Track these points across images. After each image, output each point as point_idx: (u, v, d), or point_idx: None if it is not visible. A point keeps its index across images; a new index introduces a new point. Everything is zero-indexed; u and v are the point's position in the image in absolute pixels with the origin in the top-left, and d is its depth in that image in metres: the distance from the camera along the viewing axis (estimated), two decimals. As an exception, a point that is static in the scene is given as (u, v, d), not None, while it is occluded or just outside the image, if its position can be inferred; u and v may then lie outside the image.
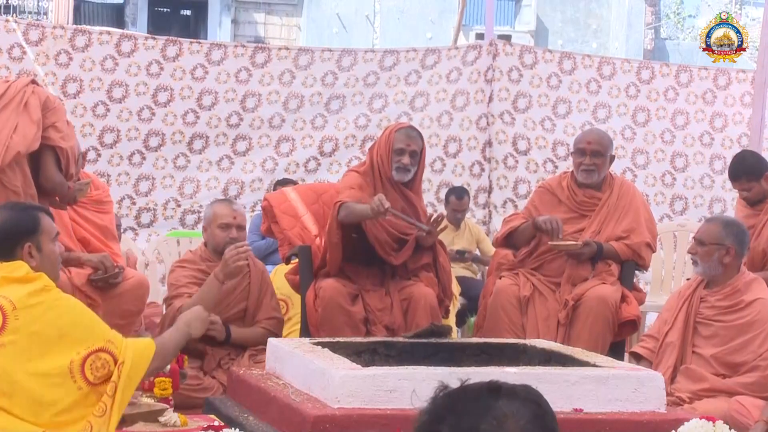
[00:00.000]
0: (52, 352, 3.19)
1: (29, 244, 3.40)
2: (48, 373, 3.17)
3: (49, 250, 3.47)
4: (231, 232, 5.30)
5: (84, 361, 3.21)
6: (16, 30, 7.94)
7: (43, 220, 3.48)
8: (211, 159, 8.40)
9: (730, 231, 4.86)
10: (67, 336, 3.23)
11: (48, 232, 3.47)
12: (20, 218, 3.45)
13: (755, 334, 4.72)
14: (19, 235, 3.41)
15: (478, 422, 1.66)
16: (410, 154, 5.33)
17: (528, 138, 8.86)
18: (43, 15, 18.65)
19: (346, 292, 5.21)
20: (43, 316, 3.23)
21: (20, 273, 3.31)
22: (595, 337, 5.28)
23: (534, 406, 1.70)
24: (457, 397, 1.71)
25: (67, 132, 5.17)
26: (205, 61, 8.39)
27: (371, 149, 5.56)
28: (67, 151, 5.12)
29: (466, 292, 7.32)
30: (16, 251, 3.38)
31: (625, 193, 5.70)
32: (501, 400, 1.69)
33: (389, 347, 4.68)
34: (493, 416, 1.66)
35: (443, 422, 1.68)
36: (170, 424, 3.88)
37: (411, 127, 5.59)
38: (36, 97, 5.11)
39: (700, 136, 9.19)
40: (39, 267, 3.39)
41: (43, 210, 3.57)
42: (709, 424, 3.66)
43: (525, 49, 9.20)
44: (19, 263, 3.35)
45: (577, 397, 3.94)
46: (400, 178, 5.36)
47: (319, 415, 3.69)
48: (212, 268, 5.23)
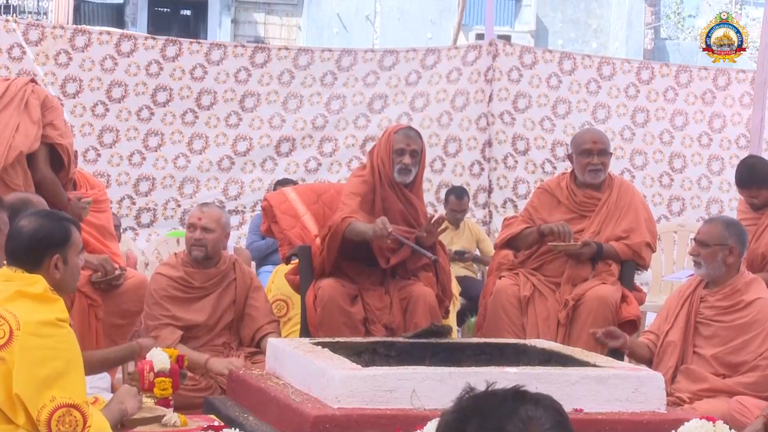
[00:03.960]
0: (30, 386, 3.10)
1: (57, 256, 3.32)
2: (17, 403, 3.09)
3: (74, 263, 3.39)
4: (195, 233, 5.25)
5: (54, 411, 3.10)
6: (15, 30, 7.95)
7: (74, 233, 3.40)
8: (211, 159, 8.40)
9: (733, 231, 4.85)
10: (53, 379, 3.13)
11: (76, 246, 3.40)
12: (54, 228, 3.36)
13: (755, 334, 4.71)
14: (50, 246, 3.32)
15: (504, 424, 1.72)
16: (411, 154, 5.33)
17: (527, 138, 8.86)
18: (43, 15, 18.66)
19: (345, 292, 5.21)
20: (43, 351, 3.13)
21: (37, 290, 3.23)
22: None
23: (556, 413, 1.76)
24: (483, 399, 1.77)
25: (65, 130, 5.20)
26: (205, 61, 8.39)
27: (371, 153, 5.55)
28: (67, 147, 5.15)
29: (466, 292, 7.32)
30: (43, 261, 3.30)
31: (624, 193, 5.70)
32: (526, 404, 1.75)
33: (389, 347, 4.68)
34: (519, 419, 1.72)
35: (469, 422, 1.74)
36: (170, 424, 3.87)
37: (409, 127, 5.59)
38: (35, 97, 5.14)
39: (698, 136, 9.19)
40: (61, 280, 3.31)
41: (74, 222, 3.49)
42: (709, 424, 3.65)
43: (525, 49, 9.21)
44: (38, 278, 3.26)
45: (577, 397, 3.94)
46: (402, 180, 5.35)
47: (319, 415, 3.69)
48: (191, 274, 5.25)
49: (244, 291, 5.33)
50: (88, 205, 5.30)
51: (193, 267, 5.29)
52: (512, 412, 1.73)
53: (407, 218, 5.38)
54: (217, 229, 5.27)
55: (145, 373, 3.94)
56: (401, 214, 5.36)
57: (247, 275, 5.44)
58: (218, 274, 5.30)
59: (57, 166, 5.23)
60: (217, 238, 5.29)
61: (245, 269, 5.49)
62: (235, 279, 5.33)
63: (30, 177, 5.06)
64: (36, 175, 5.08)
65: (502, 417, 1.73)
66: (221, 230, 5.29)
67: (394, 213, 5.33)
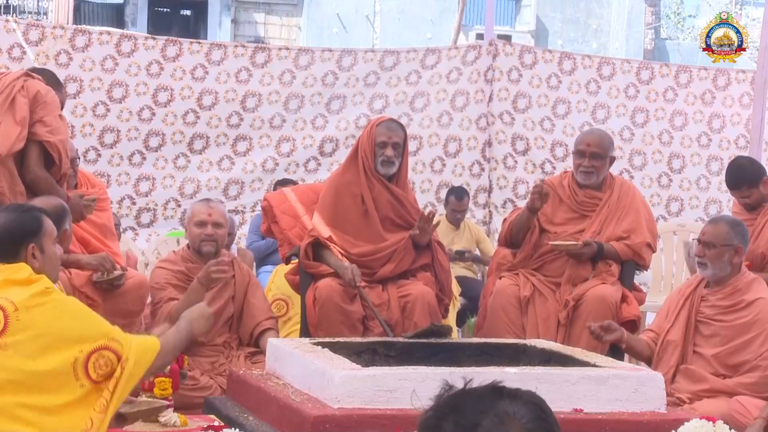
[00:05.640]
0: (54, 351, 3.20)
1: (33, 245, 3.40)
2: (51, 372, 3.18)
3: (51, 251, 3.48)
4: (206, 228, 5.33)
5: (87, 359, 3.22)
6: (16, 30, 7.94)
7: (46, 222, 3.48)
8: (212, 159, 8.40)
9: (738, 231, 4.86)
10: (70, 335, 3.24)
11: (50, 234, 3.48)
12: (23, 219, 3.45)
13: (756, 334, 4.71)
14: (23, 236, 3.41)
15: (481, 419, 1.71)
16: (393, 146, 5.40)
17: (527, 138, 8.86)
18: (43, 15, 18.65)
19: (343, 291, 5.22)
20: (45, 316, 3.23)
21: (23, 275, 3.31)
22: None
23: (535, 407, 1.74)
24: (460, 396, 1.76)
25: (56, 126, 5.05)
26: (205, 61, 8.39)
27: (355, 145, 5.65)
28: (56, 144, 5.00)
29: (467, 292, 7.32)
30: (20, 252, 3.38)
31: (625, 194, 5.71)
32: (503, 400, 1.73)
33: (389, 347, 4.68)
34: (495, 414, 1.71)
35: (446, 419, 1.74)
36: (170, 424, 3.88)
37: (391, 119, 5.67)
38: (24, 94, 4.99)
39: (698, 137, 9.19)
40: (41, 268, 3.39)
41: (44, 211, 3.57)
42: (709, 425, 3.66)
43: (525, 49, 9.21)
44: (21, 265, 3.34)
45: (577, 397, 3.94)
46: (386, 171, 5.42)
47: (319, 415, 3.70)
48: (191, 269, 5.30)
49: (243, 287, 5.37)
50: (92, 202, 5.25)
51: (194, 262, 5.33)
52: (489, 408, 1.72)
53: (397, 209, 5.44)
54: (225, 224, 5.43)
55: (145, 373, 3.94)
56: (390, 204, 5.43)
57: (246, 272, 5.49)
58: None
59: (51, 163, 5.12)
60: (224, 234, 5.44)
61: (243, 267, 5.54)
62: (233, 276, 5.36)
63: (17, 178, 4.94)
64: (27, 176, 4.98)
65: (478, 413, 1.72)
66: (227, 226, 5.49)
67: (384, 204, 5.41)
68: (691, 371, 4.75)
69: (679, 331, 4.87)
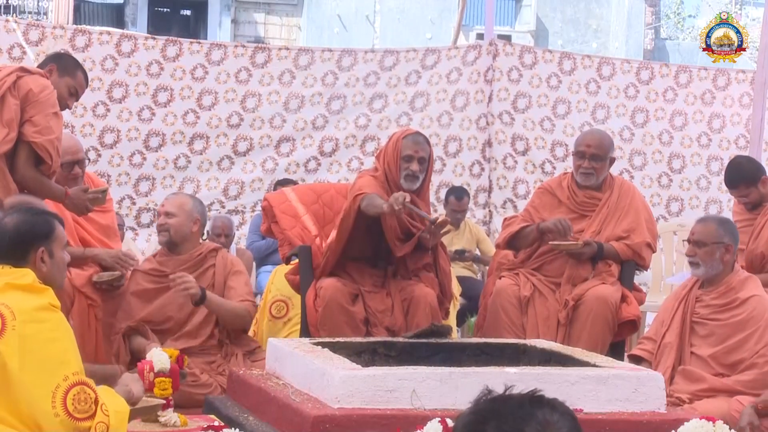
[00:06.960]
0: (41, 371, 3.12)
1: (42, 249, 3.36)
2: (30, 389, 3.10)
3: (60, 257, 3.43)
4: (159, 218, 5.42)
5: (69, 390, 3.14)
6: (16, 30, 7.95)
7: (57, 227, 3.44)
8: (212, 159, 8.41)
9: (726, 229, 4.87)
10: (60, 360, 3.17)
11: (60, 239, 3.44)
12: (36, 222, 3.41)
13: (751, 332, 4.72)
14: (34, 239, 3.36)
15: (522, 426, 1.77)
16: (418, 161, 5.29)
17: (527, 138, 8.87)
18: (43, 15, 18.66)
19: (346, 292, 5.21)
20: (43, 335, 3.16)
21: (26, 281, 3.26)
22: (595, 337, 5.29)
23: (572, 419, 1.82)
24: (501, 402, 1.82)
25: (45, 126, 4.86)
26: (205, 61, 8.39)
27: (378, 156, 5.53)
28: (43, 145, 4.84)
29: (467, 292, 7.32)
30: (29, 255, 3.34)
31: (625, 194, 5.71)
32: (543, 408, 1.80)
33: (389, 347, 4.68)
34: (537, 422, 1.78)
35: (487, 423, 1.79)
36: (170, 424, 3.88)
37: (418, 133, 5.50)
38: (15, 93, 4.86)
39: (698, 137, 9.20)
40: (48, 273, 3.35)
41: (56, 216, 3.53)
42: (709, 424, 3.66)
43: (525, 49, 9.21)
44: (26, 271, 3.29)
45: (577, 397, 3.94)
46: (409, 186, 5.27)
47: (319, 415, 3.70)
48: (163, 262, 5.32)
49: (223, 276, 5.33)
50: (102, 194, 5.12)
51: (166, 255, 5.35)
52: (530, 416, 1.78)
53: (414, 222, 5.38)
54: (180, 213, 5.33)
55: (145, 373, 3.94)
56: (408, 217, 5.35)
57: (228, 262, 5.40)
58: (190, 259, 5.32)
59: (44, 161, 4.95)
60: (180, 223, 5.33)
61: (228, 257, 5.46)
62: (214, 265, 5.34)
63: (9, 178, 4.83)
64: (15, 176, 4.86)
65: (519, 420, 1.78)
66: (185, 215, 5.34)
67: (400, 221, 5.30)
68: (689, 371, 4.76)
69: (674, 332, 4.87)
